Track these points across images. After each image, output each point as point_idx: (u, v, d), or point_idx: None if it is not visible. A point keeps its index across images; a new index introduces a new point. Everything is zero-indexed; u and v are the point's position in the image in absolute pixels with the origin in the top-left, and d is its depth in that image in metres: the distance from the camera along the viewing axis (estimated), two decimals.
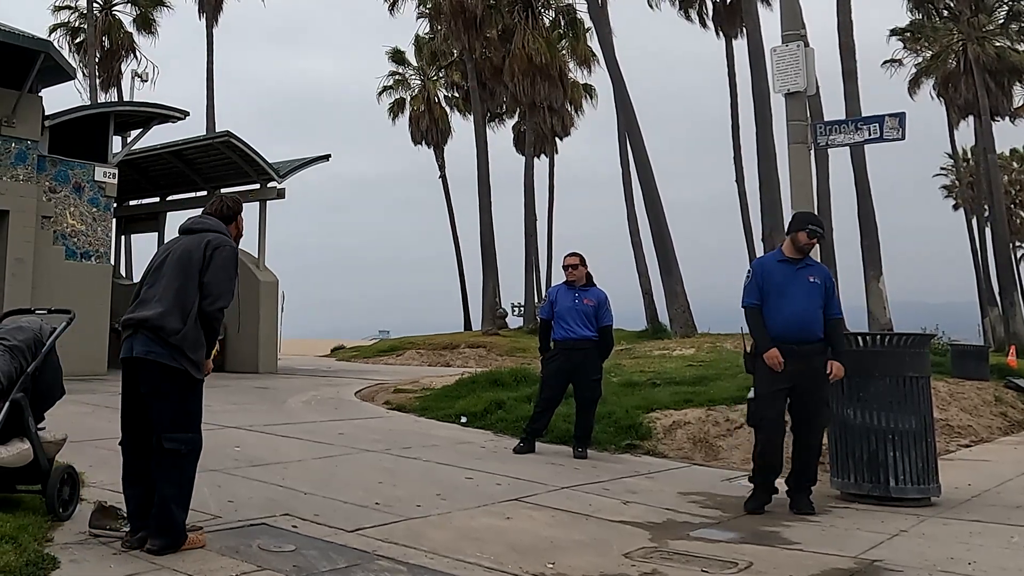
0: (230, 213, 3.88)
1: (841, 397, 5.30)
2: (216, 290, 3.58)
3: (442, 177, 34.30)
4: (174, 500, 3.45)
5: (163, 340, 3.49)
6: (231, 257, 3.67)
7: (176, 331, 3.49)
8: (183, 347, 3.50)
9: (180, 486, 3.49)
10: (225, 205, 3.91)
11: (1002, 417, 9.10)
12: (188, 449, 3.51)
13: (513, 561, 3.64)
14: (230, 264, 3.66)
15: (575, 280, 6.72)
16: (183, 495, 3.51)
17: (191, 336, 3.52)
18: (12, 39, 11.80)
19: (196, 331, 3.55)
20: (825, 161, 19.71)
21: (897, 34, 31.57)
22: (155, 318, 3.52)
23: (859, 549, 4.02)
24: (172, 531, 3.44)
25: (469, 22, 26.38)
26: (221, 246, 3.65)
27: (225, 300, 3.61)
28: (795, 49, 7.69)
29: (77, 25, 29.20)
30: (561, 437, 6.91)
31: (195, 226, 3.79)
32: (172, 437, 3.46)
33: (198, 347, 3.56)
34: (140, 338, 3.53)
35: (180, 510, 3.48)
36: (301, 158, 16.35)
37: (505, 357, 19.13)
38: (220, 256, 3.62)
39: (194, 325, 3.54)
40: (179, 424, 3.50)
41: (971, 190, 36.31)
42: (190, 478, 3.56)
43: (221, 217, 3.84)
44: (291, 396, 10.26)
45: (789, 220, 5.47)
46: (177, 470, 3.48)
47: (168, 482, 3.46)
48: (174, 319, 3.51)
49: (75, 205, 13.13)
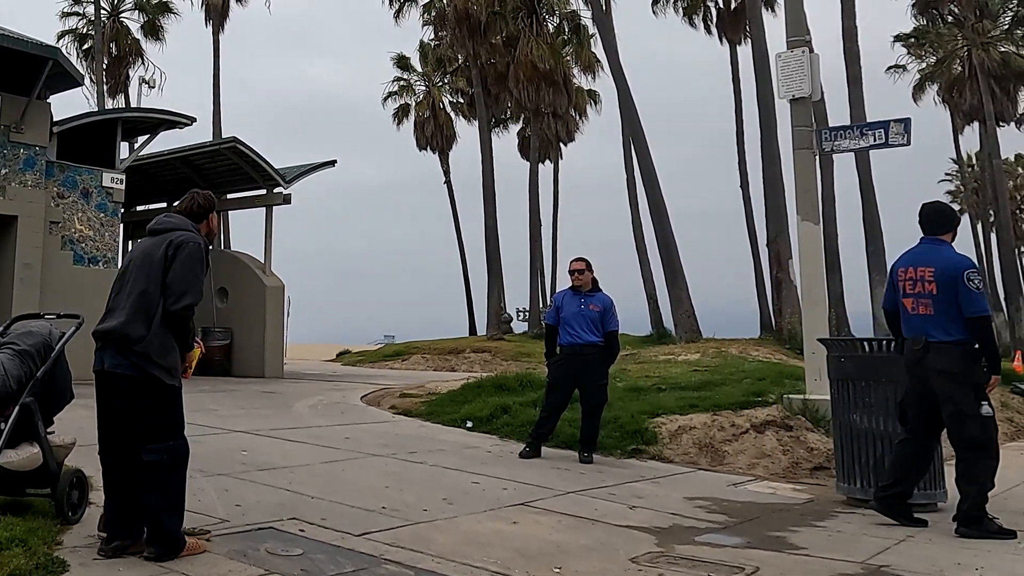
0: (200, 211, 3.70)
1: (847, 402, 5.30)
2: (179, 288, 3.40)
3: (447, 182, 34.43)
4: (163, 509, 3.37)
5: (129, 349, 3.37)
6: (195, 253, 3.48)
7: (141, 338, 3.36)
8: (150, 354, 3.36)
9: (167, 495, 3.39)
10: (195, 203, 3.72)
11: (1008, 423, 9.08)
12: (170, 458, 3.40)
13: (520, 566, 3.65)
14: (194, 261, 3.46)
15: (581, 285, 6.73)
16: (173, 503, 3.41)
17: (158, 341, 3.39)
18: (21, 46, 11.90)
19: (163, 335, 3.40)
20: (830, 166, 19.74)
21: (901, 40, 31.60)
22: (118, 328, 3.40)
23: (866, 554, 4.02)
24: (166, 539, 3.37)
25: (474, 28, 26.48)
26: (185, 243, 3.47)
27: (190, 298, 3.42)
28: (800, 55, 7.71)
29: (85, 32, 29.45)
30: (567, 442, 6.91)
31: (159, 226, 3.62)
32: (152, 448, 3.36)
33: (167, 352, 3.42)
34: (109, 350, 3.43)
35: (172, 517, 3.40)
36: (307, 164, 16.41)
37: (510, 362, 19.13)
38: (183, 253, 3.44)
39: (160, 329, 3.40)
40: (157, 434, 3.39)
41: (976, 195, 36.24)
42: (178, 485, 3.44)
43: (190, 215, 3.67)
44: (297, 401, 10.28)
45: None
46: (162, 480, 3.38)
47: (154, 493, 3.37)
48: (138, 326, 3.38)
49: (83, 210, 13.21)
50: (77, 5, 29.42)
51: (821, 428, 6.84)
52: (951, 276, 4.68)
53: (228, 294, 15.93)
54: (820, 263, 8.02)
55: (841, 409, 5.36)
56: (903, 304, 4.77)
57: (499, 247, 26.53)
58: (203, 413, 8.44)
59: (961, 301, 4.63)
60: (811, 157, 7.79)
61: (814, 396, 7.14)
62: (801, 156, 7.73)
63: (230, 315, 15.74)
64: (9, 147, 12.30)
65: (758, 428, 6.95)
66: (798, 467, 6.47)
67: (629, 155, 24.29)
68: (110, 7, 29.56)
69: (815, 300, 7.58)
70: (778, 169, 15.83)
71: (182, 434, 3.50)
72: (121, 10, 30.00)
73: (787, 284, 14.62)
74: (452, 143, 34.47)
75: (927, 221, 4.89)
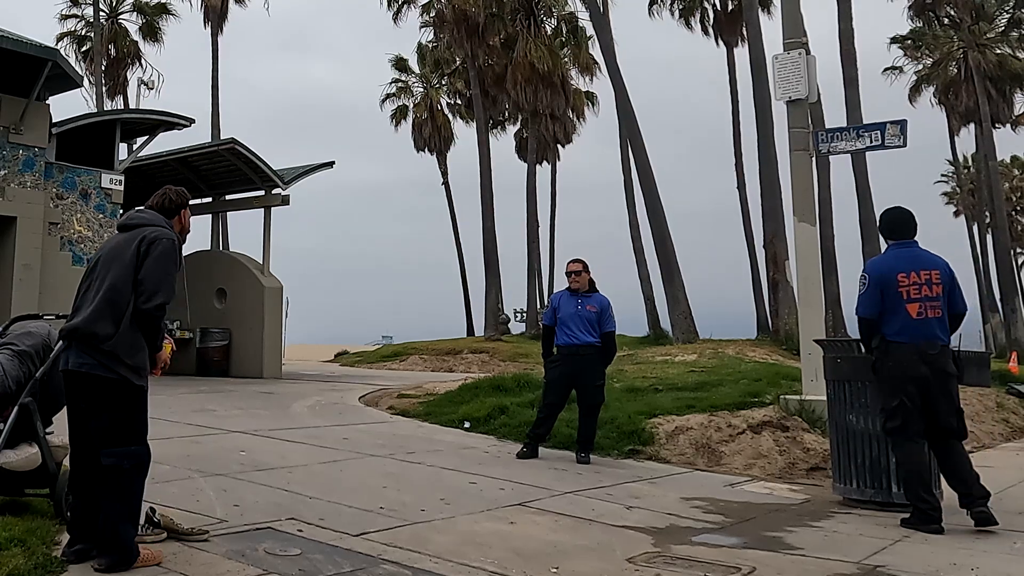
0: (173, 207, 3.58)
1: (843, 403, 5.33)
2: (152, 286, 3.28)
3: (445, 184, 34.46)
4: (120, 517, 3.22)
5: (95, 348, 3.24)
6: (169, 250, 3.36)
7: (108, 336, 3.24)
8: (118, 353, 3.24)
9: (125, 502, 3.24)
10: (167, 198, 3.59)
11: (1004, 423, 9.11)
12: (131, 464, 3.25)
13: (517, 566, 3.67)
14: (167, 258, 3.34)
15: (578, 286, 6.75)
16: (129, 512, 3.27)
17: (126, 340, 3.26)
18: (20, 47, 11.92)
19: (132, 334, 3.28)
20: (826, 167, 19.78)
21: (898, 42, 31.68)
22: (85, 325, 3.27)
23: (862, 555, 4.04)
24: (119, 549, 3.22)
25: (472, 30, 26.52)
26: (158, 239, 3.36)
27: (163, 297, 3.30)
28: (796, 57, 7.74)
29: (84, 34, 29.46)
30: (564, 442, 6.93)
31: (130, 222, 3.52)
32: (112, 452, 3.22)
33: (136, 351, 3.29)
34: (74, 349, 3.31)
35: (127, 527, 3.25)
36: (305, 165, 16.42)
37: (508, 363, 19.16)
38: (156, 249, 3.32)
39: (129, 327, 3.27)
40: (119, 438, 3.25)
41: (972, 197, 36.32)
42: (137, 493, 3.31)
43: (163, 211, 3.55)
44: (295, 401, 10.29)
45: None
46: (121, 486, 3.23)
47: (112, 499, 3.22)
48: (105, 324, 3.25)
49: (82, 211, 13.22)
50: (76, 7, 29.44)
51: (817, 429, 6.87)
52: (951, 277, 4.73)
53: (227, 295, 15.93)
54: (817, 264, 8.04)
55: (837, 410, 5.38)
56: (906, 310, 4.64)
57: (497, 248, 26.57)
58: (201, 413, 8.45)
59: (955, 300, 4.67)
60: (808, 158, 7.82)
61: (810, 397, 7.16)
62: (798, 157, 7.76)
63: (229, 316, 15.74)
64: (8, 148, 12.31)
65: (755, 429, 6.97)
66: (794, 467, 6.50)
67: (626, 156, 24.34)
68: (109, 9, 29.56)
69: (811, 301, 7.61)
70: (775, 170, 15.87)
71: (145, 439, 3.36)
72: (120, 12, 30.01)
73: (784, 285, 14.65)
74: (450, 144, 34.53)
75: (905, 225, 4.88)
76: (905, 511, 4.98)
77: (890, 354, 4.71)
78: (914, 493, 4.67)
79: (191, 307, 15.82)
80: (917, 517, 4.62)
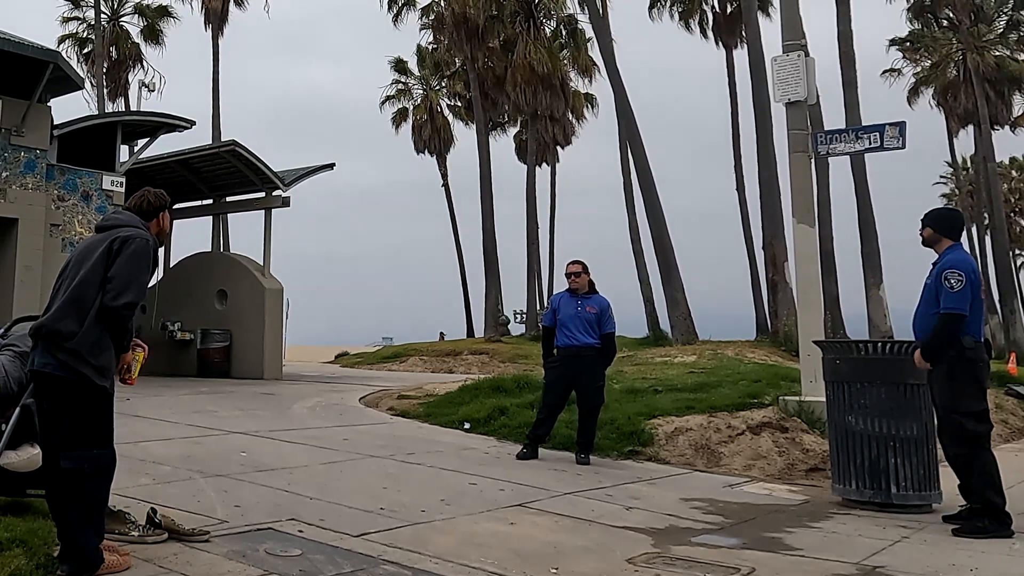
0: (151, 209, 3.52)
1: (842, 404, 5.34)
2: (120, 284, 3.18)
3: (444, 186, 34.49)
4: (79, 523, 3.11)
5: (59, 347, 3.16)
6: (142, 250, 3.28)
7: (72, 334, 3.15)
8: (80, 351, 3.14)
9: (85, 508, 3.13)
10: (146, 200, 3.53)
11: (1003, 424, 9.12)
12: (92, 468, 3.14)
13: (517, 566, 3.68)
14: (140, 258, 3.26)
15: (578, 288, 6.77)
16: (90, 518, 3.15)
17: (90, 339, 3.16)
18: (21, 50, 11.94)
19: (97, 332, 3.18)
20: (825, 169, 19.79)
21: (896, 44, 31.73)
22: (49, 323, 3.20)
23: (861, 555, 4.05)
24: (79, 556, 3.11)
25: (471, 32, 26.56)
26: (131, 239, 3.29)
27: (131, 295, 3.19)
28: (795, 59, 7.77)
29: (85, 36, 29.50)
30: (564, 443, 6.94)
31: (106, 223, 3.48)
32: (71, 455, 3.12)
33: (100, 351, 3.19)
34: (39, 348, 3.24)
35: (87, 533, 3.13)
36: (306, 167, 16.44)
37: (507, 364, 19.17)
38: (128, 248, 3.25)
39: (94, 326, 3.18)
40: (80, 440, 3.14)
41: (971, 198, 36.37)
42: (98, 499, 3.19)
43: (140, 213, 3.50)
44: (296, 402, 10.30)
45: None
46: (81, 491, 3.12)
47: (71, 504, 3.11)
48: (70, 322, 3.17)
49: (83, 213, 13.24)
50: (77, 10, 29.48)
51: (816, 430, 6.88)
52: None
53: (227, 296, 15.95)
54: (815, 265, 8.07)
55: (836, 411, 5.39)
56: (976, 309, 4.59)
57: (496, 249, 26.60)
58: (202, 414, 8.46)
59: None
60: (807, 160, 7.84)
61: (810, 398, 7.18)
62: (797, 159, 7.78)
63: (229, 317, 15.76)
64: (10, 150, 12.33)
65: (754, 430, 6.98)
66: (794, 468, 6.51)
67: (626, 158, 24.36)
68: (110, 12, 29.61)
69: (810, 302, 7.63)
70: (774, 172, 15.89)
71: (110, 443, 3.26)
72: (121, 14, 30.07)
73: (783, 286, 14.66)
74: (450, 146, 34.57)
75: (962, 226, 4.92)
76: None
77: (980, 356, 4.63)
78: (991, 500, 4.54)
79: (191, 308, 15.86)
80: (995, 522, 4.48)
